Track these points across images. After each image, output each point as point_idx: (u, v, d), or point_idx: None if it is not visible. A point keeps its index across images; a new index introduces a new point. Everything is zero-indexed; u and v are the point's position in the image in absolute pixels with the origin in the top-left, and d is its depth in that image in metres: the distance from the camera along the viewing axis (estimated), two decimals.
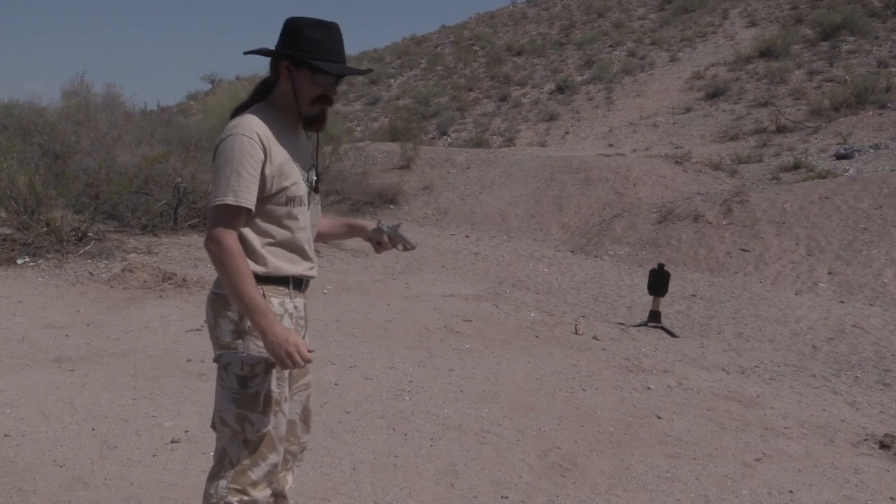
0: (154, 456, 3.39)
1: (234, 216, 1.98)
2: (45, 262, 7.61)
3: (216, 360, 2.09)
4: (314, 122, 2.14)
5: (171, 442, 3.54)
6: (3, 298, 6.35)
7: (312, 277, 2.21)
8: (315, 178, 2.20)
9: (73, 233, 8.18)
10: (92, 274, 7.40)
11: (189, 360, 4.85)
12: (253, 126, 2.02)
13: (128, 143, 10.92)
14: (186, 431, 3.65)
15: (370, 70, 2.38)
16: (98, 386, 4.28)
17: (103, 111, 12.85)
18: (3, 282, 6.95)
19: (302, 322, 2.20)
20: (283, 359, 1.95)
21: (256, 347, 2.04)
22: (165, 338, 5.40)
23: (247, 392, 2.04)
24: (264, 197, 2.04)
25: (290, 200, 2.07)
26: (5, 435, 3.53)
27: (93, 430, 3.64)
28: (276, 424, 2.09)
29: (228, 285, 1.96)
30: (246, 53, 2.17)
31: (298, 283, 2.16)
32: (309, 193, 2.16)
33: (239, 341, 2.05)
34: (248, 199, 1.98)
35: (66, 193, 8.53)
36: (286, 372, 2.10)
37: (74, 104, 13.59)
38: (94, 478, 3.14)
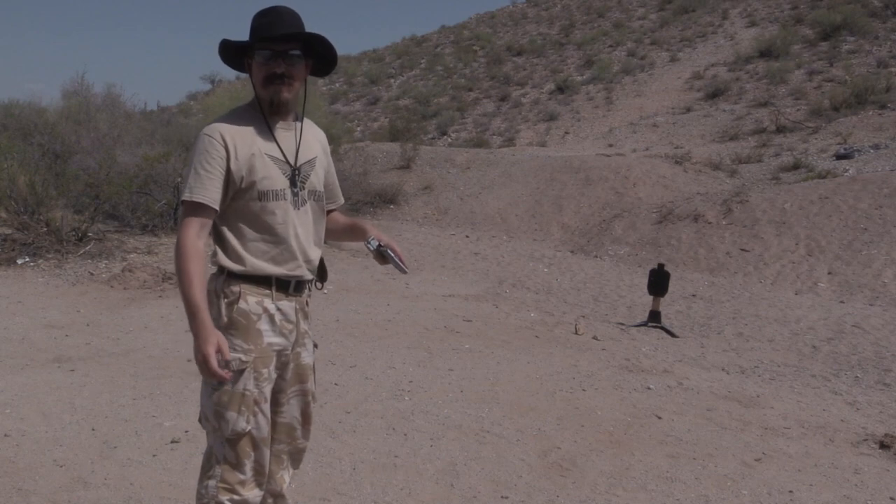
0: (154, 456, 3.39)
1: (193, 212, 2.00)
2: (45, 262, 7.61)
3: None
4: (274, 107, 2.08)
5: (171, 442, 3.54)
6: (3, 298, 6.36)
7: (301, 279, 2.14)
8: (294, 173, 2.10)
9: (73, 233, 8.18)
10: (92, 274, 7.40)
11: (189, 360, 4.85)
12: (216, 125, 2.04)
13: (128, 143, 10.94)
14: (186, 431, 3.65)
15: (301, 34, 2.05)
16: (98, 386, 4.28)
17: (103, 111, 12.87)
18: (3, 282, 6.95)
19: (291, 326, 2.13)
20: (198, 363, 1.97)
21: (231, 345, 2.04)
22: (165, 338, 5.40)
23: (222, 388, 2.05)
24: (237, 193, 2.04)
25: (263, 195, 2.05)
26: (5, 435, 3.53)
27: (93, 430, 3.64)
28: (257, 425, 2.08)
29: (178, 282, 2.01)
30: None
31: (284, 285, 2.11)
32: (294, 189, 2.09)
33: None
34: (204, 196, 1.99)
35: (66, 193, 8.54)
36: (265, 371, 2.08)
37: (74, 104, 13.61)
38: (94, 478, 3.14)
